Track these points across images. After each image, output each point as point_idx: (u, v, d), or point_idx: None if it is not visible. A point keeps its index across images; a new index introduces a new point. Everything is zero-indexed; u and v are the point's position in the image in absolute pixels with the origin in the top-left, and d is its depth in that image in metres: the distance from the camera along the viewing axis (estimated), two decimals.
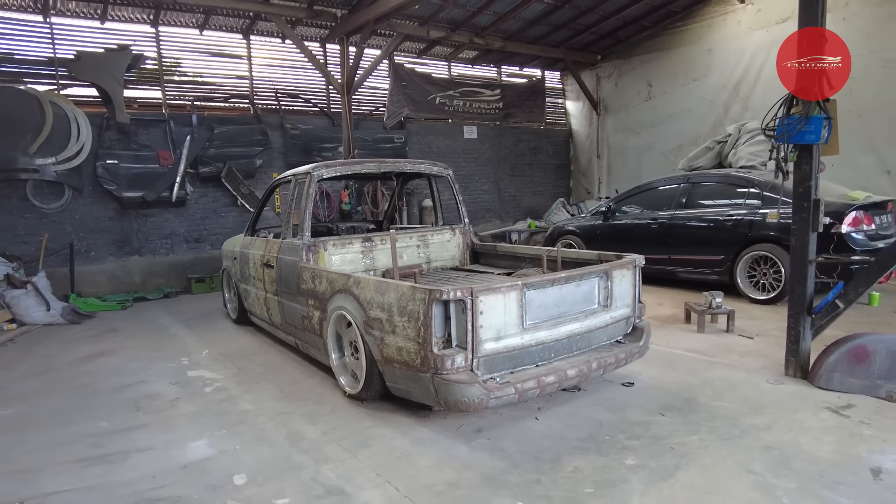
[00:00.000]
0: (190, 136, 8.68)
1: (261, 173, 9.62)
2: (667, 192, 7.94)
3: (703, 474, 2.85)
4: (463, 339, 3.18)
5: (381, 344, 3.54)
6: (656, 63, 11.86)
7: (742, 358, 4.70)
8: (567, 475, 2.88)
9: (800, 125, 3.82)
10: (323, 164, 4.99)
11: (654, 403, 3.76)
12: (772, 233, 6.56)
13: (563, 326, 3.58)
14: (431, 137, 11.84)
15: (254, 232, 6.07)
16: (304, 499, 2.74)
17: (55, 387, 4.60)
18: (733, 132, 7.98)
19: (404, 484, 2.84)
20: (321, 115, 10.40)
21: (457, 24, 10.61)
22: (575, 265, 4.55)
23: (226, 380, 4.60)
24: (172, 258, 8.88)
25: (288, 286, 4.84)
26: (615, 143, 13.06)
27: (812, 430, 3.29)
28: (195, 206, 9.05)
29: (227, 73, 9.44)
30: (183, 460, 3.20)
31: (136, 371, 4.90)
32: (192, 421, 3.77)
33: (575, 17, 10.94)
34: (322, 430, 3.53)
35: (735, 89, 10.42)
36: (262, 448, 3.32)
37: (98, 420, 3.84)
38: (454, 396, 3.12)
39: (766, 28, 9.85)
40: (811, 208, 3.94)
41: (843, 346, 3.88)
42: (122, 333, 6.31)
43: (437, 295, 3.11)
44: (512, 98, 12.83)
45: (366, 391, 3.85)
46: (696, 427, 3.38)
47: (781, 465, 2.90)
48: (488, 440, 3.32)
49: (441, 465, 3.02)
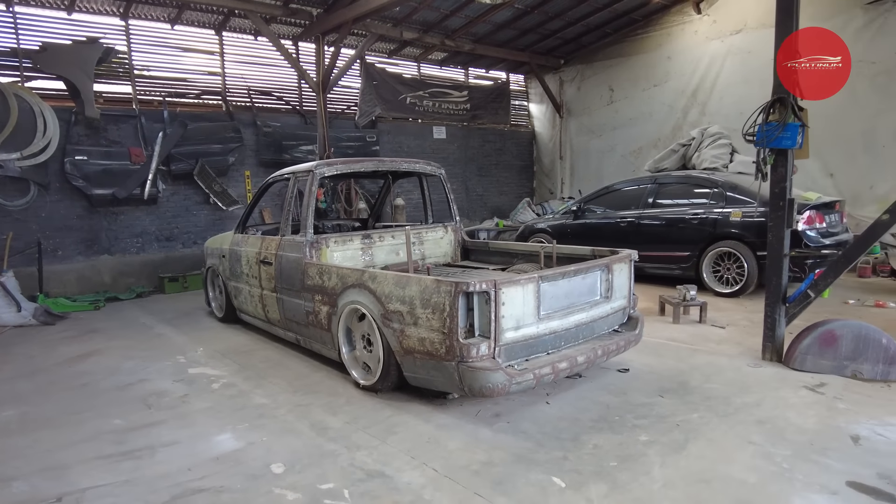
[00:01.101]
0: (162, 133, 8.50)
1: (233, 171, 9.51)
2: (635, 192, 8.36)
3: (710, 446, 3.15)
4: (486, 329, 3.37)
5: (402, 335, 3.69)
6: (618, 68, 12.40)
7: (719, 345, 5.08)
8: (590, 451, 3.12)
9: (777, 131, 4.19)
10: (324, 163, 5.07)
11: (651, 387, 4.06)
12: (735, 230, 7.05)
13: (572, 316, 3.83)
14: (402, 137, 11.96)
15: (244, 230, 6.06)
16: (348, 483, 2.87)
17: (53, 387, 4.50)
18: (697, 136, 8.49)
19: (440, 465, 3.01)
20: (293, 113, 10.36)
21: (429, 26, 10.79)
22: (568, 260, 4.84)
23: (230, 376, 4.62)
24: (143, 257, 8.66)
25: (290, 283, 4.90)
26: (578, 145, 13.55)
27: (795, 405, 3.66)
28: (167, 204, 8.86)
29: (200, 70, 9.28)
30: (213, 453, 3.26)
31: (133, 370, 4.85)
32: (210, 416, 3.80)
33: (542, 22, 11.32)
34: (345, 420, 3.65)
35: (693, 95, 11.05)
36: (289, 438, 3.41)
37: (111, 418, 3.81)
38: (479, 383, 3.31)
39: (721, 38, 10.50)
40: (786, 207, 4.34)
41: (814, 331, 4.30)
42: (105, 334, 6.16)
43: (463, 287, 3.29)
44: (479, 100, 13.10)
45: (381, 382, 3.99)
46: (695, 406, 3.69)
47: (776, 437, 3.24)
48: (508, 423, 3.52)
49: (471, 447, 3.21)
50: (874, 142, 8.88)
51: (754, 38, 10.01)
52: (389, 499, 2.71)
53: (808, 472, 2.85)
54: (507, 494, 2.71)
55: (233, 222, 9.46)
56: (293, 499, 2.74)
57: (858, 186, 9.01)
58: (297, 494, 2.77)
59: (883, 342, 4.11)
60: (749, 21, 10.07)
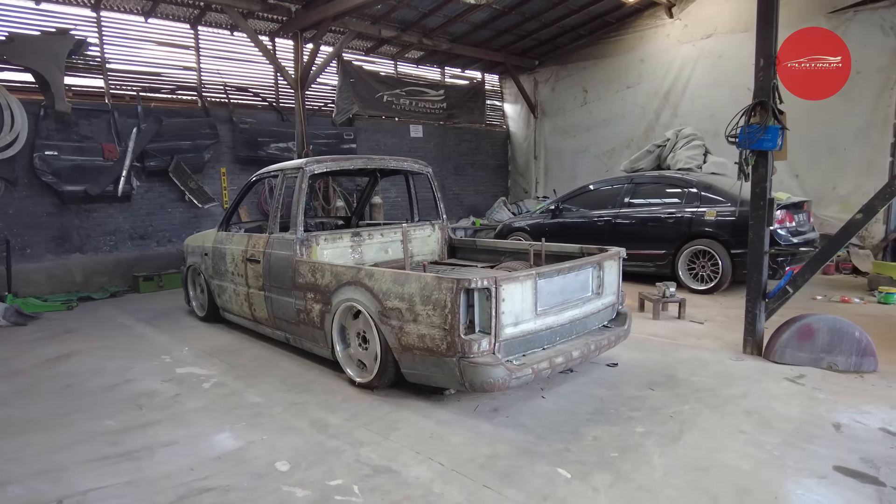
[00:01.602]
0: (136, 129, 8.28)
1: (209, 168, 9.33)
2: (612, 191, 8.55)
3: (704, 436, 3.27)
4: (487, 325, 3.42)
5: (400, 332, 3.71)
6: (592, 70, 12.63)
7: (700, 340, 5.26)
8: (590, 443, 3.21)
9: (759, 134, 4.37)
10: (314, 160, 5.05)
11: (641, 380, 4.19)
12: (709, 229, 7.29)
13: (566, 312, 3.91)
14: (379, 135, 11.93)
15: (227, 227, 5.97)
16: (355, 478, 2.88)
17: (34, 388, 4.36)
18: (671, 137, 8.73)
19: (446, 459, 3.05)
20: (270, 110, 10.22)
21: (407, 25, 10.79)
22: (556, 258, 4.94)
23: (220, 375, 4.56)
24: (117, 256, 8.43)
25: (279, 281, 4.86)
26: (552, 145, 13.75)
27: (779, 396, 3.83)
28: (140, 201, 8.64)
29: (174, 65, 9.07)
30: (214, 452, 3.22)
31: (119, 370, 4.73)
32: (205, 415, 3.76)
33: (519, 23, 11.44)
34: (344, 417, 3.65)
35: (665, 97, 11.34)
36: (290, 436, 3.40)
37: (102, 419, 3.73)
38: (480, 378, 3.36)
39: (693, 42, 10.81)
40: (766, 206, 4.53)
41: (792, 325, 4.50)
42: (83, 334, 5.99)
43: (465, 284, 3.34)
44: (455, 99, 13.17)
45: (378, 379, 4.00)
46: (685, 398, 3.83)
47: (764, 426, 3.39)
48: (507, 418, 3.59)
49: (473, 441, 3.26)
50: (836, 145, 9.29)
51: (724, 43, 10.35)
52: (400, 493, 2.74)
53: (798, 459, 2.99)
54: (516, 486, 2.77)
55: (208, 220, 9.35)
56: (303, 496, 2.74)
57: (822, 187, 9.41)
58: (307, 491, 2.77)
59: (856, 335, 4.33)
60: (719, 26, 10.40)
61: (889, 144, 8.82)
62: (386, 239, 5.49)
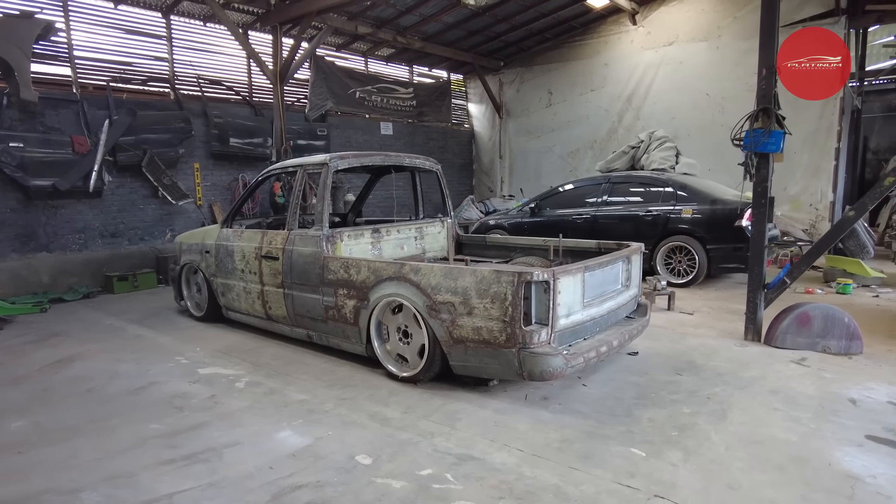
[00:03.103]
0: (108, 121, 7.84)
1: (182, 163, 8.96)
2: (591, 190, 8.88)
3: (745, 414, 3.56)
4: (544, 316, 3.57)
5: (452, 326, 3.79)
6: (557, 72, 13.05)
7: (697, 329, 5.63)
8: (647, 425, 3.42)
9: (763, 137, 4.75)
10: (338, 156, 5.02)
11: (665, 367, 4.47)
12: (686, 226, 7.76)
13: (605, 304, 4.13)
14: (351, 132, 11.83)
15: (231, 224, 5.81)
16: (443, 467, 2.95)
17: (52, 395, 4.11)
18: (645, 139, 9.19)
19: (522, 445, 3.18)
20: (243, 104, 9.92)
21: (383, 22, 10.77)
22: (571, 254, 5.17)
23: (249, 375, 4.46)
24: (86, 255, 7.96)
25: (304, 278, 4.81)
26: (517, 145, 14.09)
27: (792, 377, 4.20)
28: (111, 197, 8.19)
29: (146, 54, 8.65)
30: (284, 450, 3.19)
31: (135, 373, 4.53)
32: (254, 415, 3.69)
33: (490, 24, 11.67)
34: (400, 411, 3.69)
35: (628, 100, 11.90)
36: (356, 431, 3.41)
37: (145, 423, 3.59)
38: (540, 367, 3.51)
39: (655, 49, 11.40)
40: (767, 204, 4.92)
41: (791, 312, 4.92)
42: (73, 337, 5.65)
43: (526, 277, 3.47)
44: (423, 97, 13.25)
45: (424, 373, 4.06)
46: (713, 382, 4.12)
47: (791, 403, 3.72)
48: (560, 405, 3.75)
49: (539, 428, 3.40)
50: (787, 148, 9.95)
51: (685, 51, 10.99)
52: (494, 478, 2.83)
53: (833, 430, 3.32)
54: (600, 466, 2.93)
55: (181, 217, 9.01)
56: (400, 486, 2.78)
57: (774, 188, 10.04)
58: (402, 482, 2.82)
59: (845, 321, 4.79)
60: (681, 35, 11.03)
61: (833, 149, 9.68)
62: (402, 235, 5.53)
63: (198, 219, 9.20)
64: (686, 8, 10.90)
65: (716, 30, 10.57)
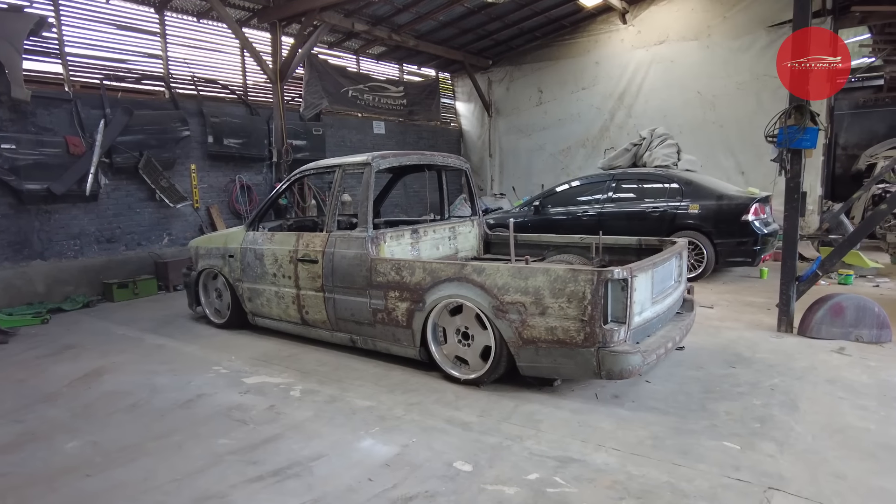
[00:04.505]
0: (104, 121, 7.47)
1: (178, 164, 8.62)
2: (594, 187, 8.97)
3: (814, 404, 3.64)
4: (622, 314, 3.56)
5: (522, 326, 3.75)
6: (547, 71, 13.13)
7: (724, 322, 5.74)
8: (727, 418, 3.46)
9: (798, 134, 4.87)
10: (379, 155, 4.90)
11: (716, 360, 4.53)
12: (693, 222, 7.91)
13: (666, 300, 4.16)
14: (345, 131, 11.64)
15: (257, 227, 5.61)
16: (549, 471, 2.90)
17: (95, 412, 3.87)
18: (647, 136, 9.31)
19: (615, 444, 3.16)
20: (239, 104, 9.61)
21: (378, 20, 10.62)
22: (609, 251, 5.19)
23: (301, 383, 4.31)
24: (82, 261, 7.56)
25: (348, 281, 4.67)
26: (507, 144, 14.12)
27: (841, 366, 4.32)
28: (107, 200, 7.81)
29: (139, 52, 8.27)
30: (376, 460, 3.09)
31: (177, 386, 4.32)
32: (326, 424, 3.56)
33: (483, 23, 11.65)
34: (475, 414, 3.63)
35: (620, 98, 12.07)
36: (440, 437, 3.33)
37: (210, 438, 3.41)
38: (619, 366, 3.50)
39: (646, 48, 11.60)
40: (799, 199, 5.06)
41: (825, 303, 5.06)
42: (89, 349, 5.35)
43: (607, 275, 3.45)
44: (413, 96, 13.14)
45: (489, 375, 4.00)
46: (768, 373, 4.20)
47: (852, 391, 3.82)
48: (634, 402, 3.75)
49: (624, 427, 3.39)
50: None
51: (676, 49, 11.22)
52: (606, 479, 2.81)
53: None
54: (702, 461, 2.94)
55: (179, 221, 8.68)
56: (514, 492, 2.72)
57: (765, 183, 10.48)
58: (514, 488, 2.76)
59: (875, 310, 4.96)
60: (671, 34, 11.25)
61: (821, 145, 10.04)
62: (438, 235, 5.46)
63: (195, 222, 8.88)
64: (676, 7, 11.13)
65: (706, 29, 10.82)
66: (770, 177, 10.52)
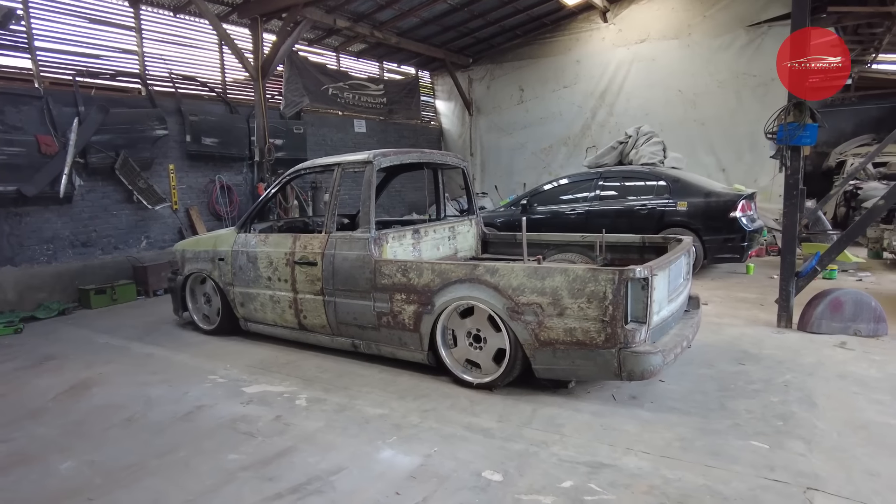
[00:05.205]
0: (77, 119, 7.10)
1: (156, 164, 8.28)
2: (582, 186, 8.95)
3: (831, 399, 3.64)
4: (642, 314, 3.49)
5: (539, 328, 3.65)
6: (528, 69, 13.10)
7: (722, 319, 5.75)
8: (748, 416, 3.42)
9: (798, 131, 4.90)
10: (381, 153, 4.75)
11: (724, 357, 4.52)
12: (681, 219, 7.95)
13: (679, 298, 4.12)
14: (325, 129, 11.40)
15: (249, 229, 5.39)
16: (583, 478, 2.81)
17: (88, 428, 3.63)
18: (632, 134, 9.35)
19: (644, 447, 3.09)
20: (218, 102, 9.30)
21: (360, 17, 10.42)
22: (611, 250, 5.15)
23: (305, 391, 4.13)
24: (56, 267, 7.18)
25: (351, 283, 4.51)
26: (488, 143, 14.05)
27: (847, 361, 4.35)
28: (82, 203, 7.44)
29: (113, 46, 7.90)
30: (399, 473, 2.94)
31: (173, 397, 4.09)
32: (339, 435, 3.40)
33: (466, 20, 11.55)
34: (494, 420, 3.52)
35: (601, 97, 12.12)
36: (463, 445, 3.21)
37: (218, 453, 3.22)
38: (641, 366, 3.43)
39: (627, 46, 11.66)
40: (798, 195, 5.09)
41: (824, 298, 5.11)
42: (72, 360, 5.06)
43: (628, 274, 3.38)
44: (393, 94, 12.96)
45: (503, 378, 3.90)
46: (778, 370, 4.20)
47: (865, 386, 3.84)
48: (652, 403, 3.69)
49: (649, 429, 3.32)
50: (757, 142, 10.56)
51: (657, 48, 11.31)
52: (642, 484, 2.73)
53: None
54: (735, 462, 2.89)
55: (157, 223, 8.35)
56: (551, 502, 2.62)
57: (745, 179, 10.66)
58: (551, 497, 2.65)
59: (872, 305, 5.03)
60: (652, 32, 11.34)
61: None
62: (438, 235, 5.33)
63: (174, 224, 8.55)
64: (657, 6, 11.22)
65: (686, 28, 10.93)
66: (752, 173, 10.72)
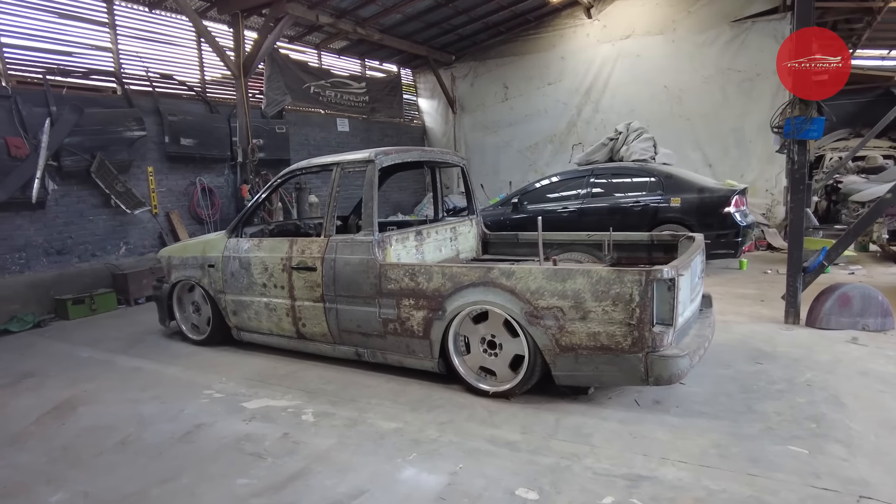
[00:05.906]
0: (50, 120, 6.70)
1: (134, 167, 7.90)
2: (573, 183, 8.84)
3: (856, 399, 3.55)
4: (667, 316, 3.35)
5: (560, 332, 3.49)
6: (512, 66, 12.96)
7: (725, 316, 5.66)
8: (778, 419, 3.31)
9: (805, 125, 4.84)
10: (382, 151, 4.52)
11: (739, 357, 4.42)
12: (675, 215, 7.90)
13: (697, 298, 4.01)
14: (308, 129, 11.09)
15: (241, 233, 5.12)
16: (622, 493, 2.65)
17: (77, 454, 3.34)
18: (623, 130, 9.26)
19: (679, 456, 2.95)
20: (197, 101, 8.93)
21: (343, 13, 10.15)
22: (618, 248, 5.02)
23: (309, 405, 3.90)
24: (29, 276, 6.78)
25: (354, 289, 4.29)
26: (473, 141, 13.88)
27: (864, 357, 4.29)
28: (56, 208, 7.04)
29: (86, 43, 7.50)
30: (426, 494, 2.75)
31: (168, 416, 3.82)
32: (354, 453, 3.19)
33: (449, 17, 11.36)
34: (518, 432, 3.34)
35: (587, 93, 12.04)
36: (489, 460, 3.02)
37: (227, 478, 2.98)
38: (669, 370, 3.30)
39: (612, 42, 11.61)
40: (804, 190, 5.03)
41: (832, 294, 5.06)
42: (53, 377, 4.72)
43: (655, 275, 3.24)
44: (376, 92, 12.71)
45: (521, 386, 3.73)
46: (797, 368, 4.11)
47: (888, 384, 3.77)
48: (678, 408, 3.56)
49: (680, 436, 3.18)
50: (743, 138, 10.63)
51: (642, 44, 11.28)
52: (686, 496, 2.58)
53: None
54: (777, 469, 2.77)
55: (137, 228, 7.98)
56: None
57: (732, 174, 10.68)
58: None
59: (879, 299, 5.00)
60: (637, 28, 11.30)
61: None
62: (439, 237, 5.14)
63: (154, 229, 8.18)
64: (641, 2, 11.18)
65: (671, 24, 10.92)
66: (739, 168, 10.74)
